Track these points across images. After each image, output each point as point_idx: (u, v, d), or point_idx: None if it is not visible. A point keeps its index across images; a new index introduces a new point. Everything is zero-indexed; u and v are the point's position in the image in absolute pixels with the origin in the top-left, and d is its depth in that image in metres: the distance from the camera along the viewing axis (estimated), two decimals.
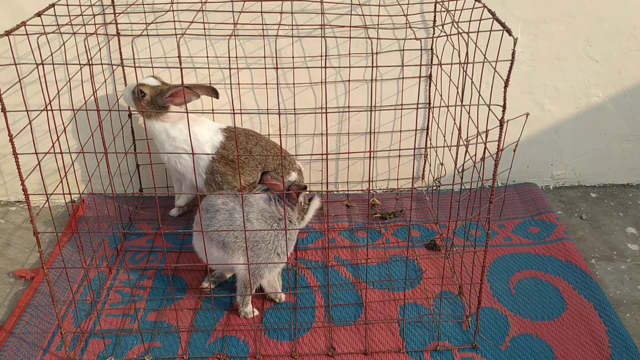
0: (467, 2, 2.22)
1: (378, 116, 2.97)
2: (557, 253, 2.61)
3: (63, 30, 1.96)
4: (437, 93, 2.83)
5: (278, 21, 2.59)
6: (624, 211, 3.02)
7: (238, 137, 2.63)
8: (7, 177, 3.09)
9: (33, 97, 2.79)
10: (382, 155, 3.08)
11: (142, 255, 2.65)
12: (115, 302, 2.37)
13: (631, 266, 2.60)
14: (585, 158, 3.18)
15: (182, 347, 2.15)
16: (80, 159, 2.85)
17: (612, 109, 3.04)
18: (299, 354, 2.12)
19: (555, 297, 2.36)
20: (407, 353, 2.11)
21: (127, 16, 2.67)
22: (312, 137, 3.03)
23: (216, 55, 2.79)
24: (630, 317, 2.32)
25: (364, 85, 2.90)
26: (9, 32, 1.72)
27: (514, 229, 2.80)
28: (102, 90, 2.78)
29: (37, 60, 1.95)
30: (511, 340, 2.16)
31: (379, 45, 2.78)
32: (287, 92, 2.89)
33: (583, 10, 2.80)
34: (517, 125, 2.21)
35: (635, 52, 2.91)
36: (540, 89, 2.97)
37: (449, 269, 2.52)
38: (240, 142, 2.61)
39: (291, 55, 2.78)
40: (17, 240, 2.84)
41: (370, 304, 2.34)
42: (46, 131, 2.81)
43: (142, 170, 3.08)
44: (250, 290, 2.22)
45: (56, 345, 2.16)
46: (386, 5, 2.70)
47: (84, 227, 2.82)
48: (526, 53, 2.87)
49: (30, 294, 2.41)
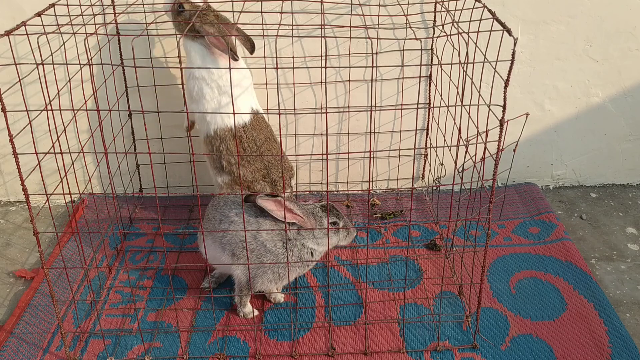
0: (467, 2, 2.22)
1: (378, 116, 2.97)
2: (557, 253, 2.61)
3: (63, 30, 1.96)
4: (437, 93, 2.83)
5: (278, 21, 2.59)
6: (624, 211, 3.02)
7: (262, 130, 2.57)
8: (7, 177, 3.09)
9: (33, 97, 2.79)
10: (382, 155, 3.08)
11: (142, 255, 2.65)
12: (115, 302, 2.37)
13: (631, 266, 2.60)
14: (585, 158, 3.18)
15: (182, 347, 2.15)
16: (80, 159, 2.84)
17: (612, 109, 3.04)
18: (299, 354, 2.12)
19: (555, 297, 2.36)
20: (407, 353, 2.11)
21: (127, 16, 2.67)
22: (312, 137, 3.03)
23: None
24: (630, 317, 2.32)
25: (364, 85, 2.90)
26: (9, 32, 1.72)
27: (514, 229, 2.80)
28: (102, 90, 2.78)
29: (37, 60, 1.95)
30: (511, 340, 2.16)
31: (379, 45, 2.78)
32: (287, 92, 2.89)
33: (583, 10, 2.80)
34: (517, 125, 2.21)
35: (635, 52, 2.91)
36: (540, 89, 2.97)
37: (449, 269, 2.52)
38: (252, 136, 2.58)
39: (291, 55, 2.78)
40: (17, 240, 2.84)
41: (370, 304, 2.34)
42: (46, 131, 2.81)
43: (142, 170, 3.08)
44: (249, 292, 2.22)
45: (56, 345, 2.16)
46: (386, 5, 2.70)
47: (84, 227, 2.82)
48: (526, 53, 2.87)
49: (30, 294, 2.41)
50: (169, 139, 2.95)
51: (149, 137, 2.61)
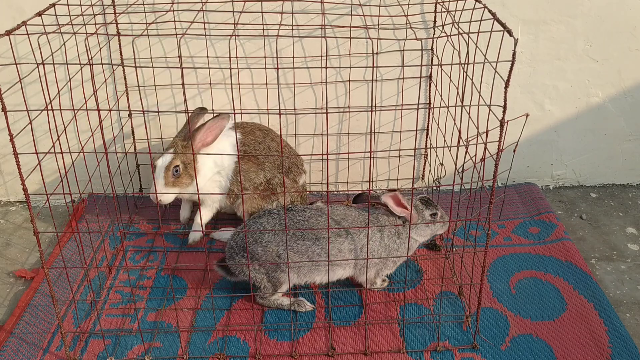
0: (467, 3, 2.22)
1: (378, 116, 2.97)
2: (557, 253, 2.61)
3: (63, 30, 1.96)
4: (438, 93, 2.83)
5: (278, 21, 2.59)
6: (624, 211, 3.02)
7: (253, 131, 2.61)
8: (7, 177, 3.09)
9: (33, 97, 2.79)
10: (382, 155, 3.08)
11: (142, 255, 2.65)
12: (115, 302, 2.37)
13: (631, 266, 2.60)
14: (585, 158, 3.18)
15: (182, 347, 2.15)
16: (80, 159, 2.84)
17: (612, 109, 3.04)
18: (299, 354, 2.12)
19: (555, 297, 2.36)
20: (407, 353, 2.11)
21: (128, 16, 2.67)
22: (313, 137, 3.03)
23: (217, 56, 2.79)
24: (630, 317, 2.32)
25: (364, 85, 2.90)
26: (10, 31, 1.72)
27: (514, 229, 2.80)
28: (102, 90, 2.78)
29: (37, 60, 1.95)
30: (511, 340, 2.16)
31: (380, 46, 2.78)
32: (287, 92, 2.90)
33: (583, 10, 2.80)
34: (517, 125, 2.21)
35: (635, 52, 2.91)
36: (540, 89, 2.97)
37: (449, 269, 2.52)
38: (257, 136, 2.60)
39: (291, 56, 2.78)
40: (17, 240, 2.84)
41: (370, 304, 2.34)
42: (46, 131, 2.81)
43: (142, 170, 3.08)
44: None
45: (56, 345, 2.16)
46: (387, 6, 2.70)
47: (84, 227, 2.82)
48: (526, 53, 2.87)
49: (30, 294, 2.41)
50: (169, 139, 2.95)
51: (149, 137, 2.62)
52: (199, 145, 2.39)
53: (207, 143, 2.41)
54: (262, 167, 2.56)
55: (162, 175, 2.39)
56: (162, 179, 2.40)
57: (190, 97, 2.89)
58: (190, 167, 2.40)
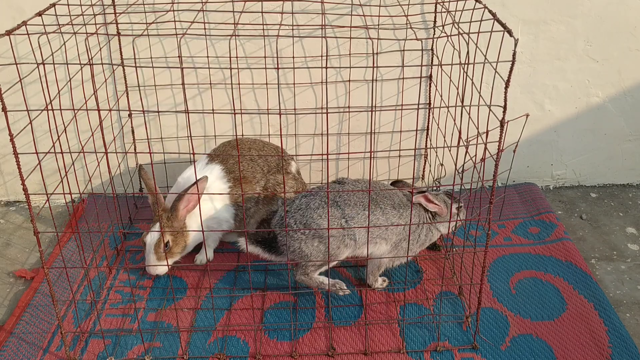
0: (467, 3, 2.22)
1: (378, 116, 2.97)
2: (557, 253, 2.61)
3: (63, 30, 1.96)
4: (438, 93, 2.83)
5: (279, 21, 2.59)
6: (624, 211, 3.02)
7: (227, 151, 2.57)
8: (7, 177, 3.09)
9: (33, 97, 2.79)
10: (383, 155, 3.08)
11: (142, 255, 2.64)
12: (115, 302, 2.37)
13: (631, 266, 2.61)
14: (585, 158, 3.18)
15: (182, 347, 2.15)
16: (80, 159, 2.84)
17: (612, 109, 3.04)
18: (299, 354, 2.12)
19: (555, 297, 2.36)
20: (407, 353, 2.11)
21: (128, 16, 2.67)
22: (313, 137, 3.03)
23: (217, 56, 2.79)
24: (630, 317, 2.32)
25: (364, 85, 2.90)
26: (10, 31, 1.72)
27: (514, 229, 2.80)
28: (102, 90, 2.78)
29: (37, 60, 1.95)
30: (511, 340, 2.16)
31: (380, 46, 2.78)
32: (287, 92, 2.90)
33: (583, 10, 2.80)
34: (517, 125, 2.21)
35: (635, 52, 2.91)
36: (540, 89, 2.97)
37: (449, 269, 2.52)
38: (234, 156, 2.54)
39: (292, 56, 2.78)
40: (17, 240, 2.84)
41: (370, 304, 2.34)
42: (46, 131, 2.81)
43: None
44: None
45: (56, 345, 2.16)
46: (387, 6, 2.70)
47: (84, 227, 2.82)
48: (526, 53, 2.87)
49: (30, 294, 2.41)
50: (169, 139, 2.95)
51: (149, 137, 2.62)
52: (184, 214, 2.38)
53: (191, 208, 2.38)
54: (255, 179, 2.55)
55: (153, 252, 2.37)
56: (153, 254, 2.38)
57: (190, 97, 2.89)
58: (180, 237, 2.40)
